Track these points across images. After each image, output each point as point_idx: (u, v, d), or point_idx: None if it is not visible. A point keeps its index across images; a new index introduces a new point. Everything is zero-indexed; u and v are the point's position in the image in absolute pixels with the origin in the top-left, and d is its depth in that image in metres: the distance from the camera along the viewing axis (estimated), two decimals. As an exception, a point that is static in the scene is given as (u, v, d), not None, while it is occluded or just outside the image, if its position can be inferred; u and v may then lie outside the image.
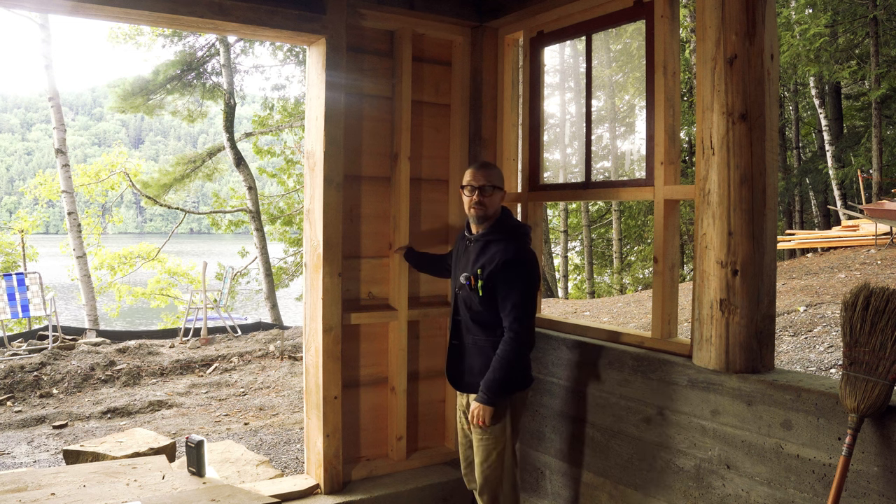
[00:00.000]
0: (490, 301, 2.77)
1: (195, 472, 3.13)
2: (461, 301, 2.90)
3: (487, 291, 2.75)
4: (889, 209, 10.77)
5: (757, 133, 2.49)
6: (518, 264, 2.72)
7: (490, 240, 2.83)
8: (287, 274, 17.70)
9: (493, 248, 2.79)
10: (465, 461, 3.06)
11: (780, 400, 2.35)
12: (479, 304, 2.80)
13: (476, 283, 2.78)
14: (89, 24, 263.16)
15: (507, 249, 2.75)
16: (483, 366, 2.80)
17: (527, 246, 2.85)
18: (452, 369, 2.96)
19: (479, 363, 2.83)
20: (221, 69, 15.05)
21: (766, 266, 2.54)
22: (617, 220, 20.91)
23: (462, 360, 2.92)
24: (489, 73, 3.72)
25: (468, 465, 3.04)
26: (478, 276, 2.77)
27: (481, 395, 2.72)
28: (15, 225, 18.66)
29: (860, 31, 15.45)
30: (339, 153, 3.30)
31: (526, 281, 2.71)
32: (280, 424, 5.81)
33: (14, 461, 4.93)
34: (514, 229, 2.86)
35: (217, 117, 16.94)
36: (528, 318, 2.71)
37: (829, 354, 5.73)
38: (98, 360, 7.71)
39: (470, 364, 2.88)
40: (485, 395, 2.71)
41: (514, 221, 2.92)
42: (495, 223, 2.86)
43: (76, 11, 2.81)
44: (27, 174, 80.00)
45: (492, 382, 2.70)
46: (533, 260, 2.80)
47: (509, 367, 2.69)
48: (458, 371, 2.94)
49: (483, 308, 2.79)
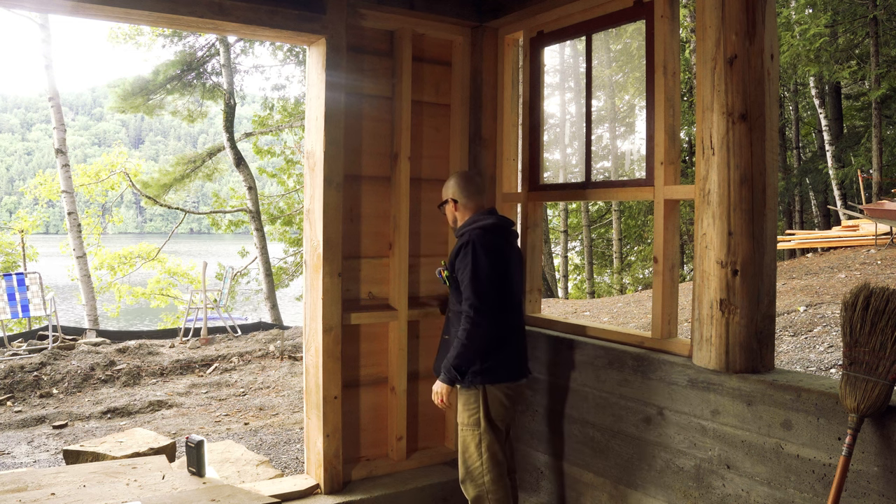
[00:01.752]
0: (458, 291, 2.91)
1: (195, 472, 3.13)
2: (450, 297, 3.05)
3: (453, 282, 2.94)
4: (889, 209, 10.77)
5: (757, 133, 2.49)
6: (464, 247, 2.85)
7: (459, 234, 3.00)
8: (287, 274, 17.70)
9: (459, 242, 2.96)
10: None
11: (780, 400, 2.35)
12: (454, 297, 2.96)
13: (444, 275, 2.98)
14: (89, 24, 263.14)
15: (460, 239, 2.93)
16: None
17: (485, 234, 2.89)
18: (437, 361, 3.08)
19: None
20: (221, 69, 15.05)
21: (766, 266, 2.54)
22: (617, 220, 20.90)
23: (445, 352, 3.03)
24: (489, 73, 3.72)
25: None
26: (445, 266, 2.99)
27: (442, 375, 2.89)
28: (15, 225, 18.66)
29: (860, 31, 15.45)
30: (339, 153, 3.30)
31: (473, 261, 2.80)
32: (280, 424, 5.81)
33: (14, 461, 4.93)
34: (470, 223, 2.97)
35: (217, 117, 16.94)
36: (480, 299, 2.77)
37: (829, 354, 5.73)
38: (98, 360, 7.71)
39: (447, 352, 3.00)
40: (444, 374, 2.88)
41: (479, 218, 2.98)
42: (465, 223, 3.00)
43: (76, 11, 2.81)
44: (27, 174, 80.00)
45: (446, 360, 2.86)
46: (479, 240, 2.84)
47: (462, 348, 2.79)
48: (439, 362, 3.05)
49: (455, 299, 2.95)
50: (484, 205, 3.09)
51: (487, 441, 2.87)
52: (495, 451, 2.89)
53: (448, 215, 3.11)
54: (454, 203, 3.06)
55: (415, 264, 3.65)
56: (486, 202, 3.19)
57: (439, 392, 2.91)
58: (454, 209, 3.07)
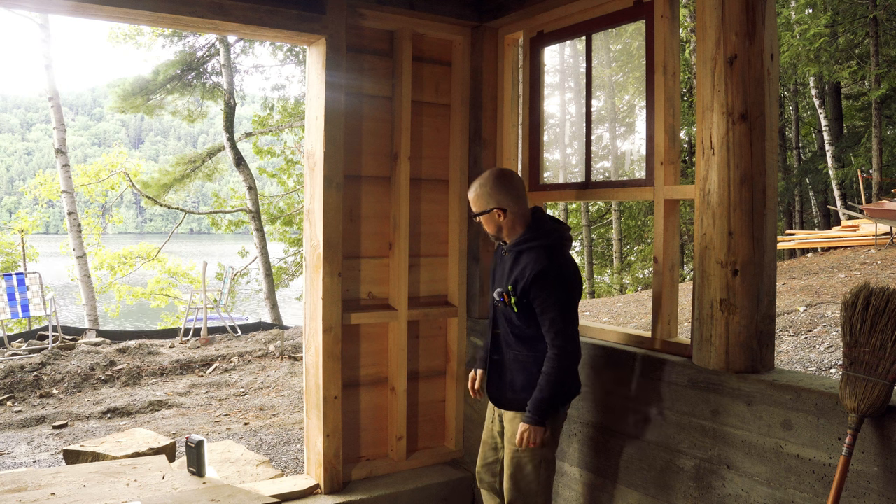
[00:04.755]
0: (528, 315, 2.59)
1: (195, 472, 3.13)
2: (500, 315, 2.72)
3: (523, 307, 2.58)
4: (889, 209, 10.78)
5: (757, 133, 2.49)
6: (550, 275, 2.52)
7: (521, 249, 2.62)
8: (287, 274, 17.70)
9: (525, 259, 2.59)
10: (483, 461, 2.92)
11: (780, 400, 2.35)
12: (517, 319, 2.63)
13: (510, 300, 2.60)
14: (89, 24, 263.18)
15: (539, 260, 2.55)
16: (526, 382, 2.64)
17: (561, 252, 2.62)
18: (493, 386, 2.78)
19: (521, 379, 2.67)
20: (221, 69, 15.05)
21: (766, 266, 2.54)
22: (617, 220, 20.90)
23: (503, 377, 2.74)
24: (489, 73, 3.73)
25: (486, 466, 2.91)
26: (510, 293, 2.60)
27: (530, 416, 2.55)
28: (15, 225, 18.67)
29: (860, 31, 15.46)
30: (339, 153, 3.30)
31: (562, 292, 2.53)
32: (280, 424, 5.81)
33: (14, 461, 4.93)
34: (547, 234, 2.62)
35: (217, 117, 16.94)
36: (569, 329, 2.55)
37: (829, 354, 5.73)
38: (98, 360, 7.71)
39: (511, 380, 2.71)
40: (534, 415, 2.55)
41: (548, 225, 2.66)
42: (527, 229, 2.64)
43: (76, 11, 2.81)
44: (27, 174, 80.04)
45: (540, 402, 2.55)
46: (567, 267, 2.60)
47: (557, 385, 2.55)
48: (499, 388, 2.76)
49: (522, 323, 2.62)
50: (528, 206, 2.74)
51: (548, 459, 2.70)
52: (552, 470, 2.74)
53: (490, 226, 2.67)
54: (501, 213, 2.63)
55: (415, 264, 3.65)
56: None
57: (531, 437, 2.55)
58: (500, 218, 2.64)
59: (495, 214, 2.64)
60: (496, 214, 2.64)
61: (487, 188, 2.64)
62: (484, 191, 2.65)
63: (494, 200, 2.63)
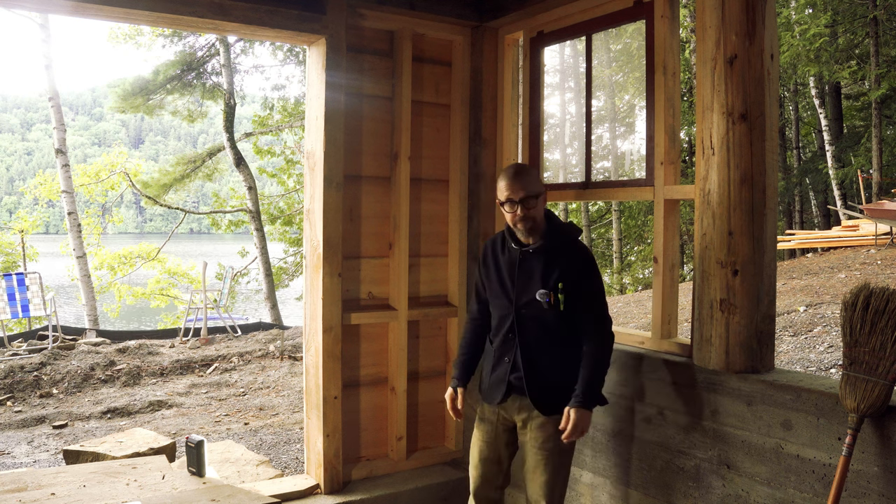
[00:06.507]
0: (570, 312, 2.53)
1: (195, 472, 3.13)
2: (528, 320, 2.58)
3: (569, 304, 2.52)
4: (889, 209, 10.78)
5: (757, 133, 2.49)
6: (591, 262, 2.58)
7: (555, 249, 2.57)
8: (287, 274, 17.70)
9: (563, 258, 2.55)
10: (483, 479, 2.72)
11: (780, 400, 2.35)
12: (558, 319, 2.54)
13: (556, 299, 2.51)
14: (89, 24, 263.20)
15: (583, 249, 2.60)
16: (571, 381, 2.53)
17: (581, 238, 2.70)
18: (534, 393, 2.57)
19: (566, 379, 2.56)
20: (221, 69, 15.05)
21: (766, 266, 2.54)
22: (617, 220, 20.91)
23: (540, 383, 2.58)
24: (489, 73, 3.72)
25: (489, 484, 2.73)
26: (559, 290, 2.51)
27: (580, 400, 2.44)
28: (15, 225, 18.67)
29: (860, 31, 15.46)
30: (339, 153, 3.30)
31: (600, 279, 2.60)
32: (280, 424, 5.81)
33: (14, 461, 4.93)
34: (571, 230, 2.64)
35: (217, 117, 16.94)
36: (608, 314, 2.60)
37: (829, 354, 5.73)
38: (98, 360, 7.71)
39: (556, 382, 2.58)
40: (587, 400, 2.46)
41: (564, 223, 2.68)
42: (550, 230, 2.60)
43: (76, 11, 2.81)
44: (27, 174, 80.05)
45: (592, 385, 2.48)
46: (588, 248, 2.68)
47: (606, 368, 2.53)
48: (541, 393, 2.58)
49: (563, 322, 2.54)
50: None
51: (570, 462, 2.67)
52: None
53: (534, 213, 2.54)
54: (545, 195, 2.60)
55: (415, 264, 3.65)
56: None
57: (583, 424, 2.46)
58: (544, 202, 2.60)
59: (544, 196, 2.59)
60: (544, 196, 2.60)
61: (534, 172, 2.63)
62: (534, 173, 2.62)
63: (541, 183, 2.63)
